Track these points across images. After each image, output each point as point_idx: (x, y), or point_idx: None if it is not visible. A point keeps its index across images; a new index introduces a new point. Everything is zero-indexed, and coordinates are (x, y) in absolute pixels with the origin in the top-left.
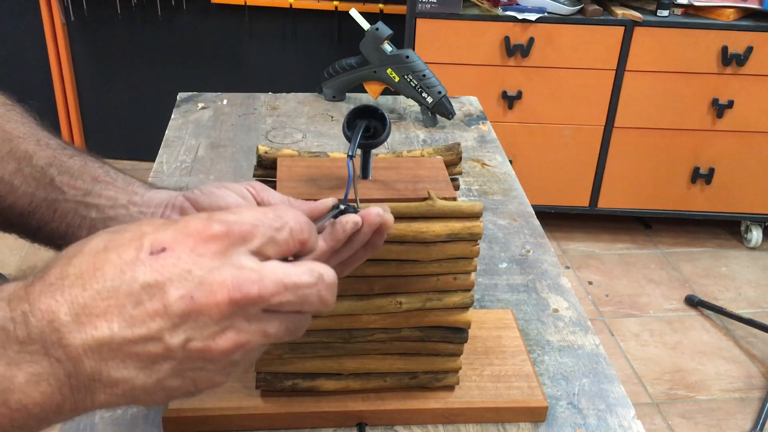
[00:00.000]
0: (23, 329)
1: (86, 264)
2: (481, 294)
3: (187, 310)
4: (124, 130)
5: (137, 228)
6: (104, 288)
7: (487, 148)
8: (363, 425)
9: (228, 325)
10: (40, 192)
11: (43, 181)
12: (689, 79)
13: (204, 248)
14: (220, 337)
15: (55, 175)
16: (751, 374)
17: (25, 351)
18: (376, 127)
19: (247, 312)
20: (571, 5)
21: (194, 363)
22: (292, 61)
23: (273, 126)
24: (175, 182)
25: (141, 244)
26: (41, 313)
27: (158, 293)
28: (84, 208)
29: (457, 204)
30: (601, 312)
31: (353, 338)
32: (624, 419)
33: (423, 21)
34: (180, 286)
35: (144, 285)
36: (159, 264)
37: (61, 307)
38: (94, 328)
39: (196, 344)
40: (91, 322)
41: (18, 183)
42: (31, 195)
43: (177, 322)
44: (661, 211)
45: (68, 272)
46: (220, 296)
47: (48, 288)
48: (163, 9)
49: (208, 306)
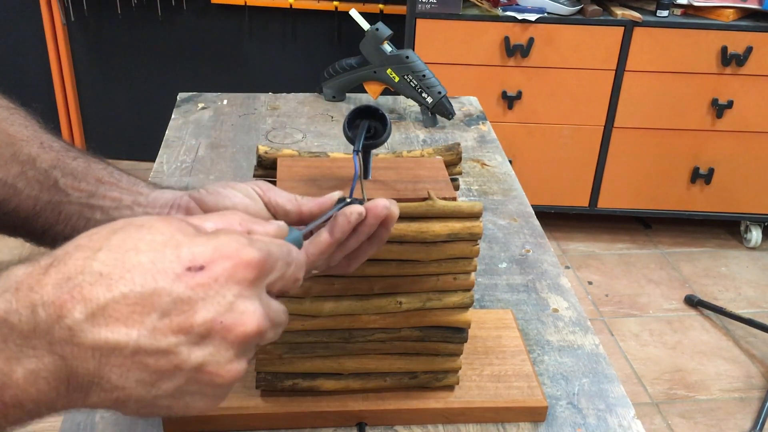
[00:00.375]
0: (30, 322)
1: (113, 262)
2: (481, 294)
3: (213, 333)
4: (124, 130)
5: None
6: (132, 293)
7: (487, 148)
8: (363, 425)
9: (243, 355)
10: (44, 195)
11: (47, 183)
12: (689, 79)
13: (241, 275)
14: (233, 365)
15: (59, 177)
16: (750, 374)
17: (28, 346)
18: (376, 127)
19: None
20: (571, 5)
21: (197, 386)
22: (292, 61)
23: (273, 126)
24: (176, 182)
25: (178, 255)
26: (53, 308)
27: (188, 310)
28: (88, 210)
29: (457, 204)
30: (600, 312)
31: (353, 338)
32: (624, 419)
33: (423, 21)
34: (212, 308)
35: (176, 299)
36: (195, 282)
37: (77, 305)
38: (111, 331)
39: (211, 368)
40: (108, 325)
41: (22, 186)
42: (35, 198)
43: (198, 342)
44: (660, 211)
45: (92, 268)
46: (249, 328)
47: (66, 282)
48: (163, 9)
49: (234, 335)
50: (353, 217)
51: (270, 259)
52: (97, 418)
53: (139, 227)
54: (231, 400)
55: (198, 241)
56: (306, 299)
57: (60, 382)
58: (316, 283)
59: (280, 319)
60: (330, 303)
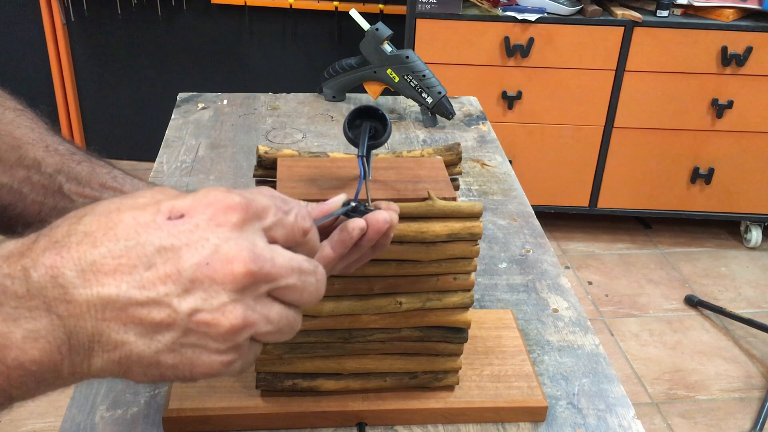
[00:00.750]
0: (23, 285)
1: (97, 223)
2: (481, 294)
3: (201, 277)
4: (124, 130)
5: (151, 194)
6: (116, 247)
7: (487, 148)
8: (363, 425)
9: (238, 299)
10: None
11: (52, 189)
12: (689, 79)
13: (223, 218)
14: (229, 311)
15: (64, 182)
16: (750, 374)
17: (23, 307)
18: (376, 127)
19: (256, 290)
20: (571, 5)
21: (196, 337)
22: (292, 61)
23: (273, 126)
24: (176, 182)
25: (158, 209)
26: (45, 269)
27: (173, 257)
28: None
29: (457, 204)
30: (600, 312)
31: (353, 338)
32: (624, 419)
33: (423, 21)
34: (196, 252)
35: (159, 248)
36: (176, 229)
37: (67, 263)
38: (101, 285)
39: (204, 315)
40: (98, 280)
41: (27, 191)
42: (41, 204)
43: (188, 287)
44: (660, 211)
45: (77, 230)
46: (237, 266)
47: (53, 245)
48: (163, 9)
49: (223, 275)
50: (355, 233)
51: (255, 204)
52: (97, 418)
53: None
54: (231, 400)
55: (179, 196)
56: None
57: (61, 342)
58: None
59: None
60: (330, 303)
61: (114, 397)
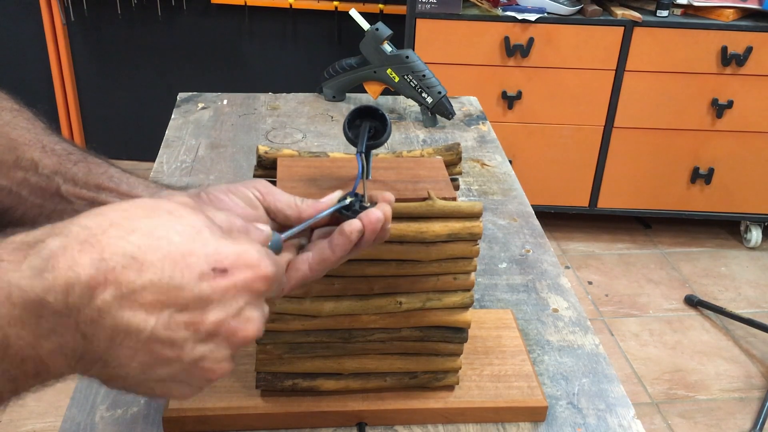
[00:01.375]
0: (63, 301)
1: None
2: (481, 294)
3: (219, 332)
4: (124, 130)
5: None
6: (160, 282)
7: (487, 148)
8: (363, 425)
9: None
10: (49, 203)
11: (50, 190)
12: (689, 79)
13: (256, 285)
14: (226, 363)
15: (61, 183)
16: (750, 374)
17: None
18: (376, 127)
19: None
20: (571, 5)
21: (189, 376)
22: (292, 61)
23: (273, 126)
24: (176, 182)
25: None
26: (88, 289)
27: (204, 307)
28: None
29: (457, 204)
30: (600, 312)
31: (353, 338)
32: (624, 419)
33: (423, 21)
34: (223, 309)
35: (197, 297)
36: (217, 284)
37: (110, 287)
38: (134, 314)
39: (207, 364)
40: (132, 308)
41: (26, 194)
42: (40, 206)
43: (204, 338)
44: (660, 211)
45: (125, 250)
46: (250, 332)
47: (100, 263)
48: (163, 9)
49: (237, 337)
50: (354, 236)
51: (279, 275)
52: (97, 418)
53: (169, 214)
54: (231, 400)
55: (224, 243)
56: (306, 299)
57: (75, 357)
58: (316, 283)
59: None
60: (330, 303)
61: (114, 397)
